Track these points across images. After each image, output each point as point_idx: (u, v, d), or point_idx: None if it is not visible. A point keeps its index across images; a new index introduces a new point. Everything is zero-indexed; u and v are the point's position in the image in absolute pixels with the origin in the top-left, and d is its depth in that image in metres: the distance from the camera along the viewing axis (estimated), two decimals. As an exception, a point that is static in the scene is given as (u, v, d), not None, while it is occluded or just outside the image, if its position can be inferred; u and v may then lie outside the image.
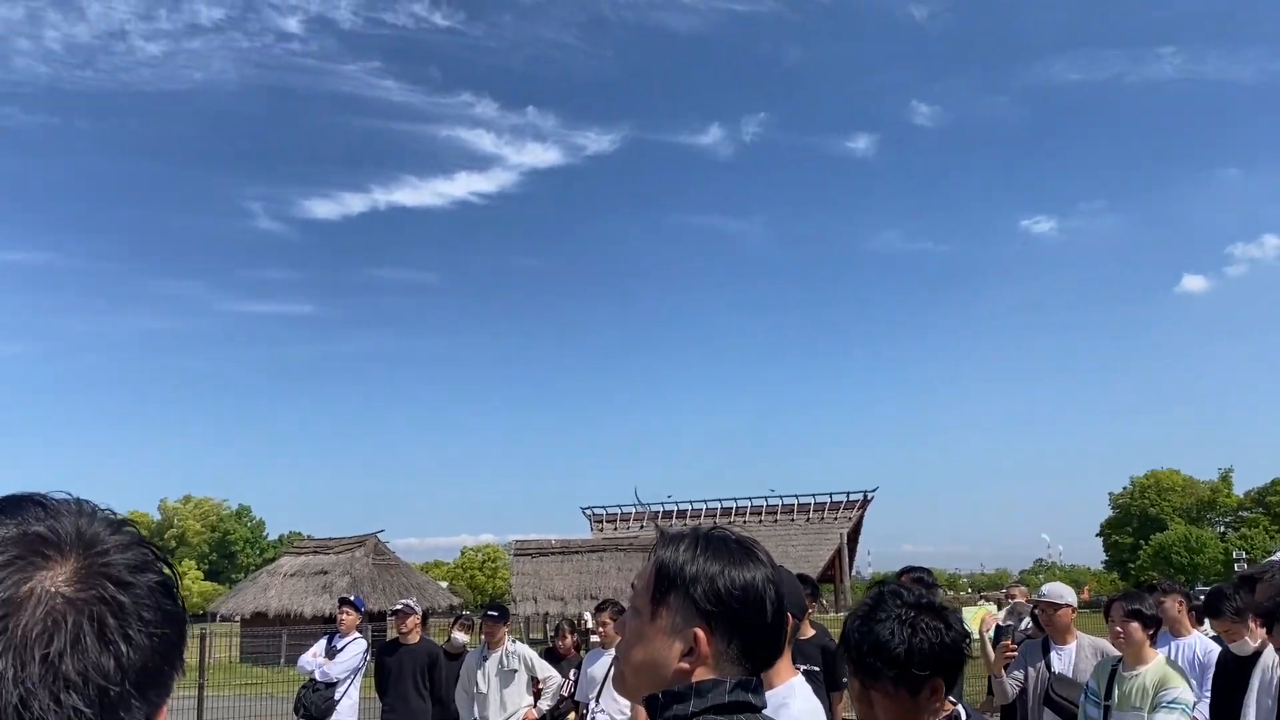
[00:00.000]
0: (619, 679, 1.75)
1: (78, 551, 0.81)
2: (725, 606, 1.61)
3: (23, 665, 0.74)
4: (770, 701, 1.81)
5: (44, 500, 0.85)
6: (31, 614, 0.76)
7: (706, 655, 1.61)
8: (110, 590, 0.80)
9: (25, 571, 0.78)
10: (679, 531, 1.75)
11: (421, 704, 9.01)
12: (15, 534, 0.80)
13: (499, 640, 8.70)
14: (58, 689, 0.75)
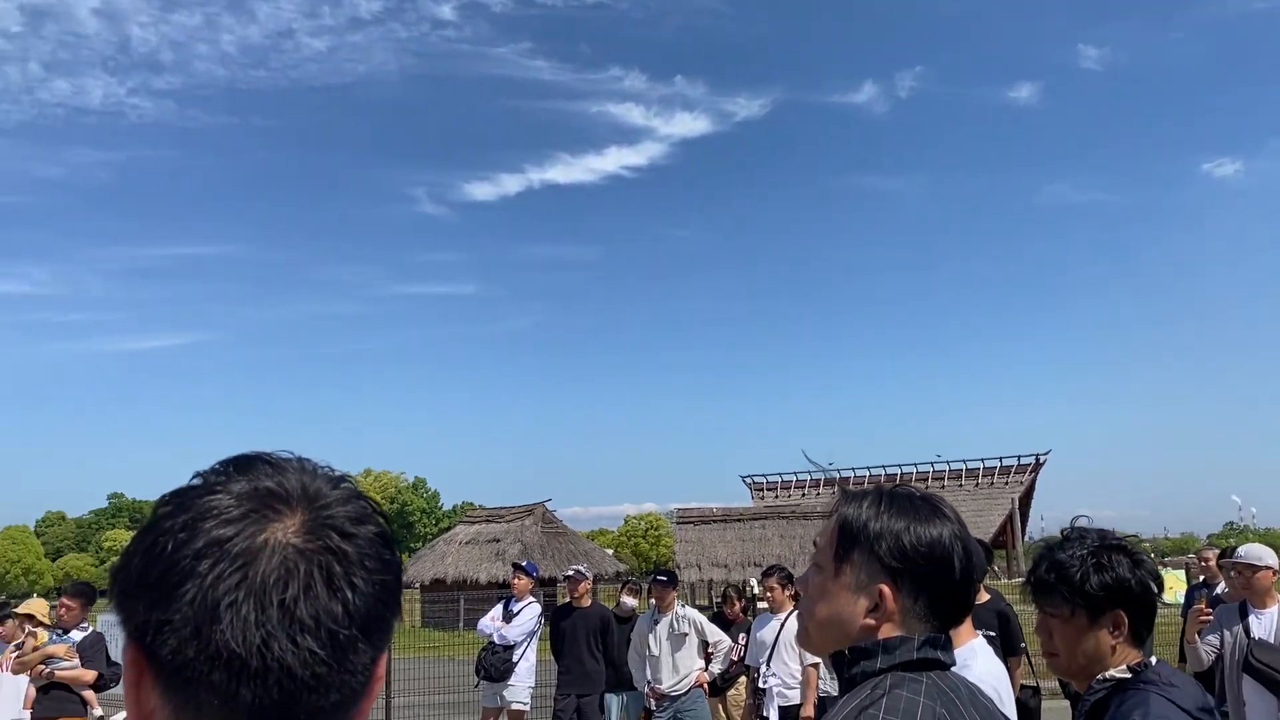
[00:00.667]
0: (803, 634, 1.76)
1: (304, 505, 0.86)
2: (911, 563, 1.60)
3: (263, 609, 0.80)
4: None
5: (271, 458, 0.91)
6: (268, 562, 0.82)
7: (892, 612, 1.60)
8: (335, 541, 0.85)
9: (259, 524, 0.83)
10: (861, 489, 1.74)
11: (596, 665, 9.24)
12: (249, 489, 0.86)
13: (669, 604, 8.81)
14: (294, 632, 0.81)
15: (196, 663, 0.79)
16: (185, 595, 0.80)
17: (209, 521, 0.83)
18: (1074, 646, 2.35)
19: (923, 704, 1.50)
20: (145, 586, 0.83)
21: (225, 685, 0.79)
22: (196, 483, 0.88)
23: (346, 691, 0.85)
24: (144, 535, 0.86)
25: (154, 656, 0.82)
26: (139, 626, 0.83)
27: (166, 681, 0.82)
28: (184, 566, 0.81)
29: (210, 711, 0.81)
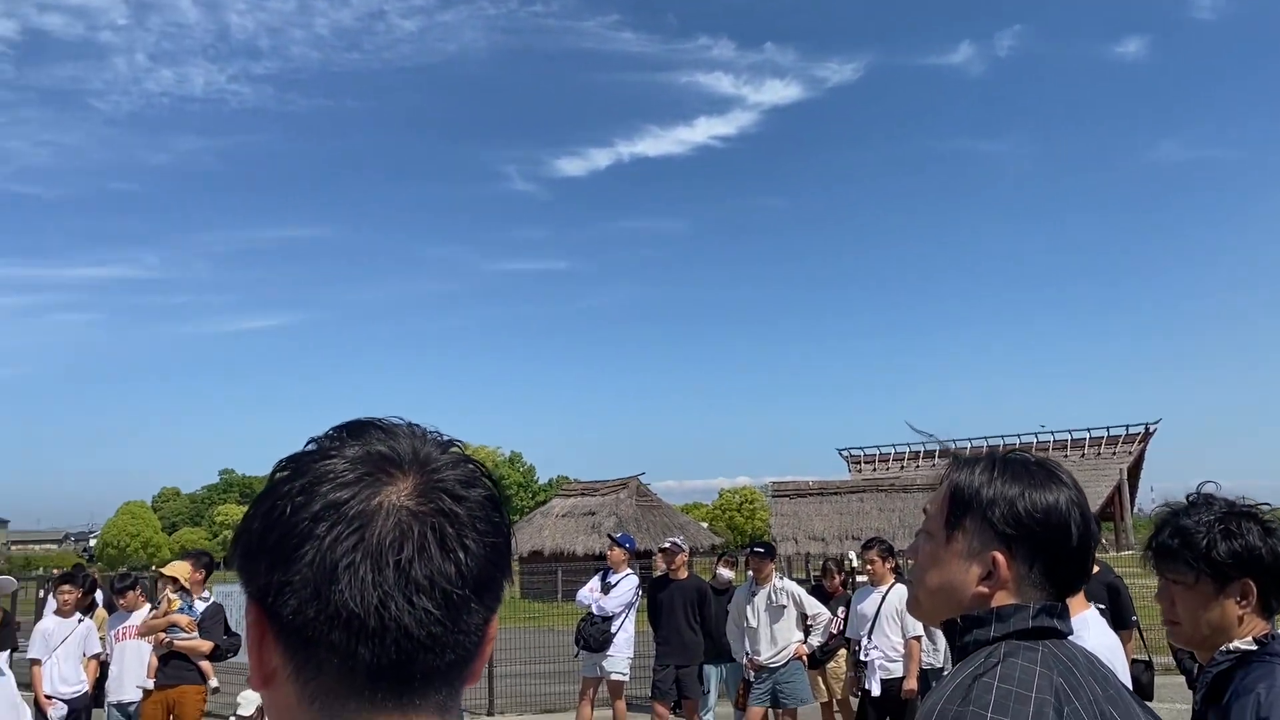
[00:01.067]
0: (913, 602, 1.74)
1: (415, 469, 0.88)
2: (1026, 529, 1.57)
3: (379, 570, 0.82)
4: None
5: (382, 423, 0.92)
6: (383, 524, 0.83)
7: (1006, 579, 1.57)
8: (447, 503, 0.86)
9: (374, 487, 0.85)
10: (973, 455, 1.70)
11: (694, 636, 9.29)
12: (362, 453, 0.88)
13: (767, 576, 8.80)
14: (410, 592, 0.82)
15: (316, 622, 0.82)
16: (304, 557, 0.82)
17: (325, 485, 0.85)
18: (1198, 616, 2.27)
19: (1039, 672, 1.46)
20: (265, 549, 0.85)
21: (344, 644, 0.82)
22: (311, 448, 0.90)
23: (461, 651, 0.87)
24: (263, 500, 0.88)
25: (275, 617, 0.85)
26: (260, 588, 0.85)
27: (288, 641, 0.85)
28: (302, 529, 0.83)
29: (330, 670, 0.83)
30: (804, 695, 8.82)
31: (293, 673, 0.85)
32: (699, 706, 9.57)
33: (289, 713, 0.88)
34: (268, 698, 0.91)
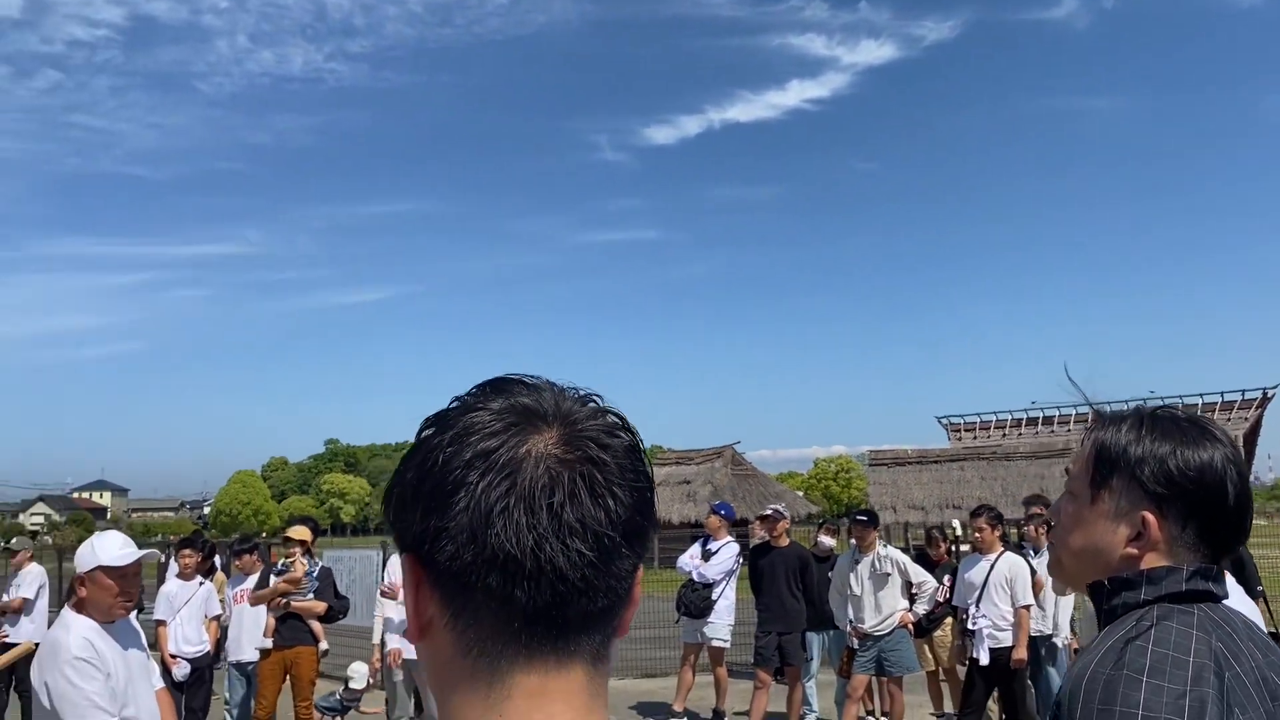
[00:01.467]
0: (1055, 565, 1.69)
1: (559, 421, 0.89)
2: (1178, 488, 1.50)
3: (533, 513, 0.83)
4: None
5: (524, 379, 0.94)
6: (533, 471, 0.84)
7: (1157, 540, 1.51)
8: (594, 451, 0.87)
9: (520, 436, 0.86)
10: (1119, 412, 1.64)
11: (796, 603, 9.26)
12: (506, 406, 0.89)
13: (870, 544, 8.72)
14: (564, 535, 0.83)
15: (473, 567, 0.83)
16: (458, 504, 0.84)
17: (474, 436, 0.86)
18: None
19: (1196, 636, 1.40)
20: (420, 498, 0.87)
21: (501, 588, 0.83)
22: (455, 405, 0.92)
23: (613, 597, 0.87)
24: (414, 454, 0.91)
25: (431, 564, 0.86)
26: (416, 536, 0.87)
27: (445, 588, 0.86)
28: (455, 477, 0.85)
29: (487, 614, 0.85)
30: (910, 663, 8.75)
31: (450, 620, 0.87)
32: (802, 673, 9.55)
33: (446, 663, 0.89)
34: (424, 649, 0.92)
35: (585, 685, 0.88)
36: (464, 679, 0.87)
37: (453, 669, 0.88)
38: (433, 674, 0.92)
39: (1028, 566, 8.11)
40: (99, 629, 3.92)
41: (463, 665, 0.87)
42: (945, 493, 34.06)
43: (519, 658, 0.85)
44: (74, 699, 3.70)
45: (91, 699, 3.72)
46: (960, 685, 8.92)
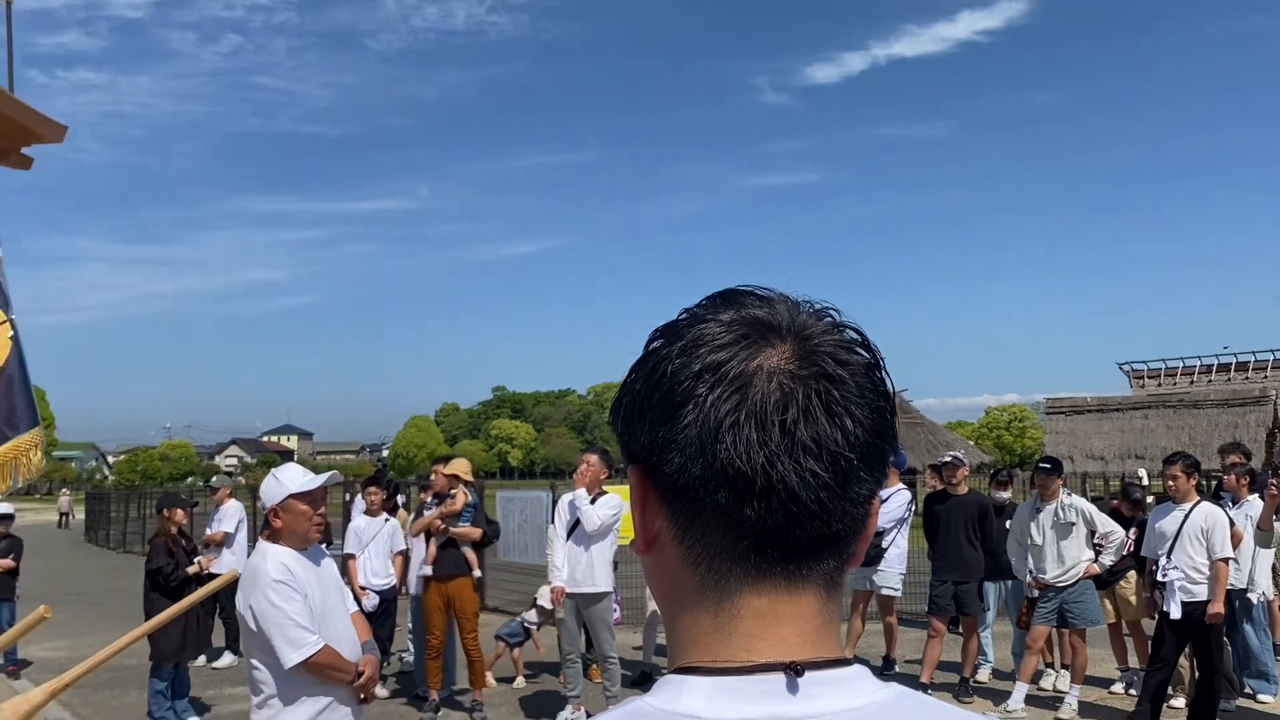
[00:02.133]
0: None
1: (792, 335, 0.84)
2: None
3: (764, 430, 0.79)
4: None
5: (756, 290, 0.89)
6: (765, 386, 0.80)
7: None
8: (830, 368, 0.82)
9: (751, 350, 0.82)
10: None
11: (974, 552, 9.00)
12: (737, 318, 0.85)
13: (1054, 492, 8.38)
14: (797, 454, 0.79)
15: (701, 481, 0.80)
16: (686, 416, 0.81)
17: (703, 348, 0.83)
18: None
19: None
20: (648, 408, 0.84)
21: (730, 504, 0.80)
22: (684, 316, 0.89)
23: (848, 522, 0.83)
24: (641, 364, 0.88)
25: (659, 476, 0.84)
26: (644, 447, 0.85)
27: (672, 501, 0.84)
28: (684, 389, 0.82)
29: (715, 531, 0.82)
30: (1094, 616, 8.40)
31: (677, 535, 0.84)
32: (978, 624, 9.31)
33: (673, 577, 0.87)
34: (650, 562, 0.91)
35: (817, 611, 0.84)
36: (692, 595, 0.85)
37: (680, 584, 0.86)
38: (659, 587, 0.91)
39: (1226, 517, 7.62)
40: (294, 555, 4.14)
41: (690, 580, 0.85)
42: (1127, 442, 32.46)
43: (748, 578, 0.82)
44: (277, 619, 3.93)
45: (293, 618, 3.94)
46: (1146, 639, 8.56)
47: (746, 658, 0.80)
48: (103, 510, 34.85)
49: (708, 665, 0.81)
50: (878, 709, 0.79)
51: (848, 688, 0.80)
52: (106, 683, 9.74)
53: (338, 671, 4.06)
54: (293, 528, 4.16)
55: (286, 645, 3.93)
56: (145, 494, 32.65)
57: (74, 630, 12.73)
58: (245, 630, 4.08)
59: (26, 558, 11.56)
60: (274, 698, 4.00)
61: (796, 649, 0.81)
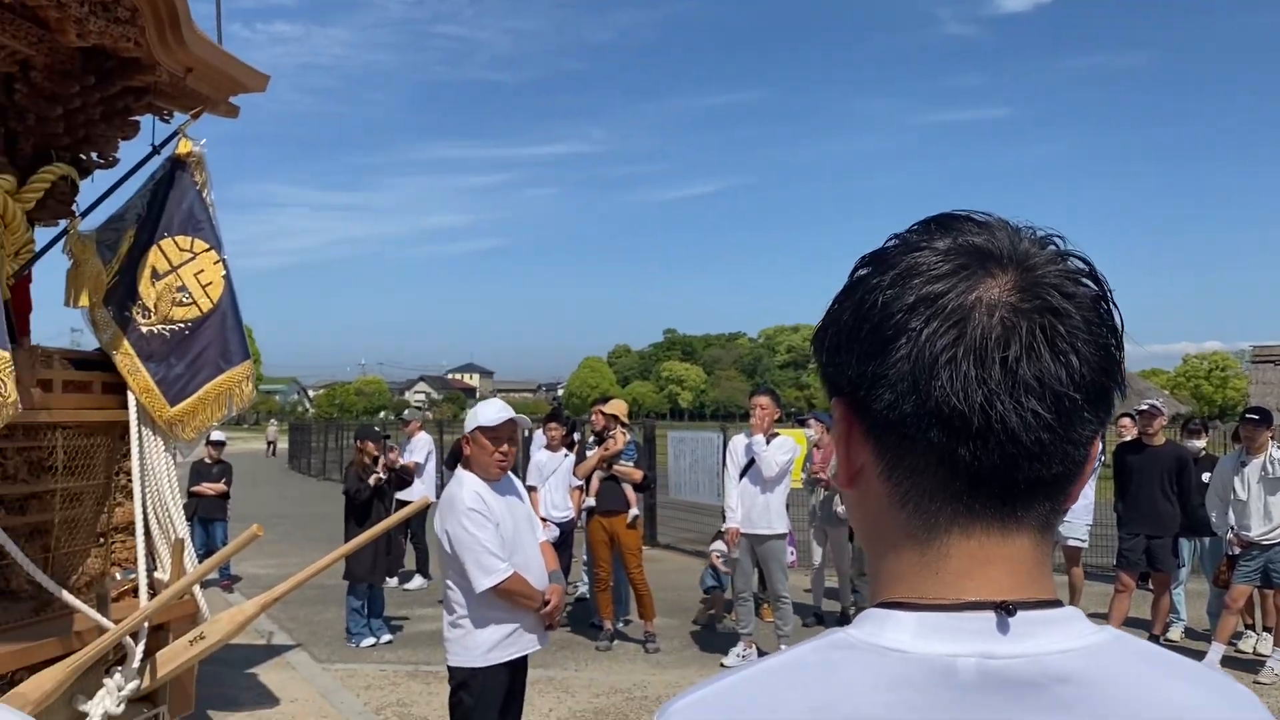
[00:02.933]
0: None
1: (1014, 265, 0.79)
2: None
3: (983, 367, 0.75)
4: None
5: (975, 216, 0.84)
6: (985, 320, 0.76)
7: None
8: (1055, 301, 0.77)
9: (969, 281, 0.78)
10: None
11: (1169, 506, 8.53)
12: (954, 246, 0.81)
13: (1262, 445, 7.82)
14: (1018, 393, 0.75)
15: (913, 419, 0.78)
16: (898, 351, 0.78)
17: (917, 278, 0.79)
18: None
19: None
20: (856, 340, 0.82)
21: (942, 443, 0.77)
22: (894, 243, 0.85)
23: (1068, 463, 0.79)
24: (848, 294, 0.85)
25: (866, 411, 0.82)
26: (851, 381, 0.82)
27: (879, 438, 0.82)
28: (897, 322, 0.78)
29: (925, 470, 0.79)
30: (1303, 577, 7.85)
31: (883, 471, 0.82)
32: (1171, 580, 8.85)
33: (877, 513, 0.85)
34: (853, 496, 0.89)
35: (1030, 553, 0.81)
36: (897, 532, 0.83)
37: (885, 521, 0.84)
38: (862, 524, 0.89)
39: None
40: (487, 485, 4.34)
41: (896, 518, 0.83)
42: (1345, 395, 29.94)
43: (959, 518, 0.80)
44: (470, 545, 4.14)
45: (485, 546, 4.14)
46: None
47: (955, 596, 0.79)
48: (304, 440, 37.34)
49: (914, 601, 0.80)
50: (1094, 651, 0.77)
51: (1062, 629, 0.78)
52: (309, 600, 10.47)
53: (525, 598, 4.25)
54: (478, 459, 4.36)
55: (479, 571, 4.13)
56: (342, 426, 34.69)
57: (279, 550, 13.74)
58: (441, 553, 4.30)
59: (235, 483, 12.49)
60: (466, 618, 4.22)
61: (1008, 590, 0.78)
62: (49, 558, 5.02)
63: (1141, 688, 0.77)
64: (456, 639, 4.26)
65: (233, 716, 6.65)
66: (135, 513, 5.43)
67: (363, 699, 7.16)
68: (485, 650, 4.22)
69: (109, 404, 5.40)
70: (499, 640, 4.24)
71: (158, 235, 5.51)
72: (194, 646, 5.19)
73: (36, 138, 5.63)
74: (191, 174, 5.60)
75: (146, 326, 5.45)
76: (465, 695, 4.24)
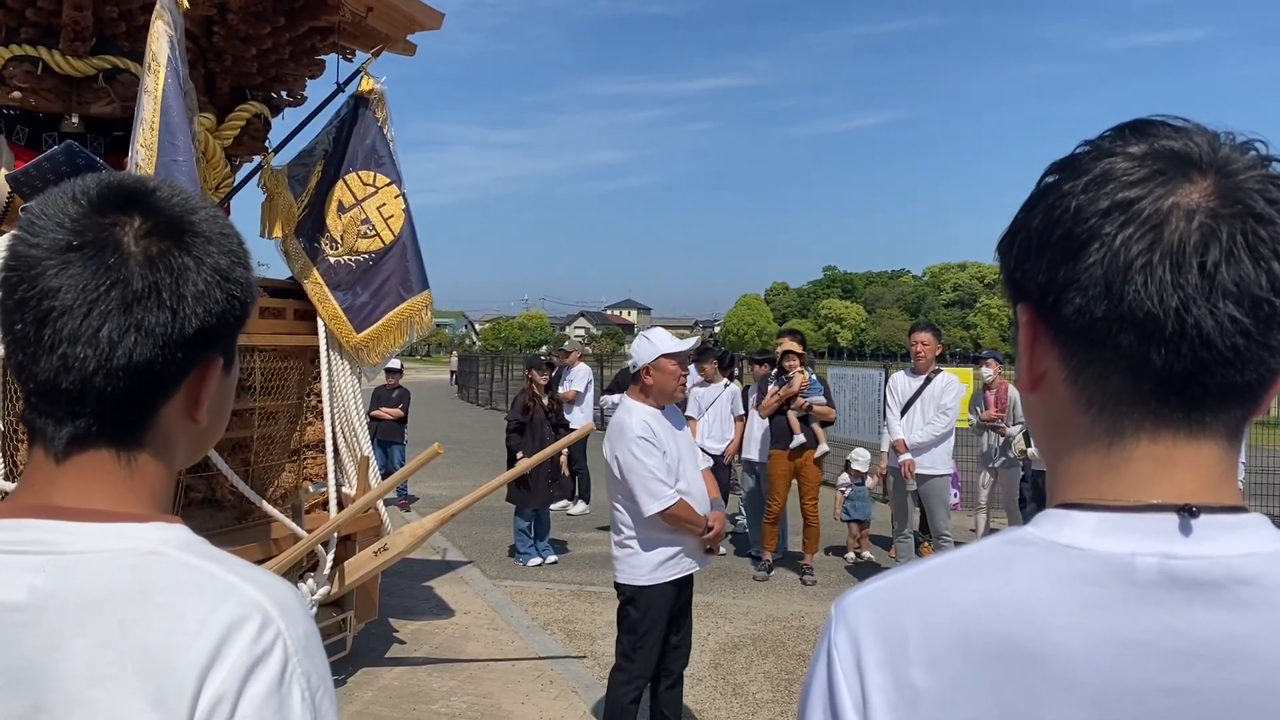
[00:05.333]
0: None
1: (1213, 170, 0.78)
2: None
3: (1180, 271, 0.75)
4: None
5: (1171, 121, 0.83)
6: (1184, 225, 0.76)
7: None
8: (1259, 205, 0.76)
9: (1166, 186, 0.78)
10: None
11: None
12: (1149, 150, 0.80)
13: None
14: (1215, 298, 0.75)
15: (1104, 323, 0.78)
16: (1091, 256, 0.78)
17: (1110, 184, 0.79)
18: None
19: None
20: (1046, 246, 0.82)
21: (1133, 348, 0.78)
22: (1086, 149, 0.84)
23: (1263, 370, 0.78)
24: (1038, 200, 0.85)
25: (1054, 316, 0.82)
26: (1039, 286, 0.83)
27: (1067, 343, 0.82)
28: (1090, 226, 0.79)
29: (1114, 375, 0.80)
30: None
31: (1069, 376, 0.83)
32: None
33: (1060, 418, 0.86)
34: (1033, 401, 0.90)
35: (1219, 459, 0.81)
36: (1081, 435, 0.84)
37: (1067, 425, 0.85)
38: (1042, 428, 0.91)
39: None
40: (655, 413, 4.46)
41: (1080, 421, 0.84)
42: None
43: (1145, 422, 0.80)
44: (639, 470, 4.28)
45: (653, 471, 4.27)
46: None
47: (1137, 498, 0.80)
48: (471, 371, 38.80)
49: (1094, 502, 0.81)
50: (1278, 557, 0.77)
51: (1246, 534, 0.78)
52: (480, 519, 10.97)
53: (690, 524, 4.37)
54: (662, 385, 4.47)
55: (647, 495, 4.27)
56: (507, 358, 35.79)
57: (451, 473, 14.40)
58: (609, 477, 4.46)
59: (411, 410, 13.11)
60: (633, 538, 4.39)
61: (1193, 494, 0.79)
62: (249, 470, 5.44)
63: None
64: (624, 558, 4.43)
65: (411, 624, 7.08)
66: (325, 431, 5.81)
67: (530, 614, 7.50)
68: (650, 570, 4.37)
69: (300, 330, 5.77)
70: (663, 561, 4.38)
71: (343, 170, 5.80)
72: (378, 557, 5.56)
73: (232, 77, 5.99)
74: (373, 111, 5.84)
75: (334, 257, 5.77)
76: (632, 609, 4.42)
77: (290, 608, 0.89)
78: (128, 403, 0.92)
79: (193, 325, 0.92)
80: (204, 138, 5.33)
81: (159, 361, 0.91)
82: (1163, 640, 0.75)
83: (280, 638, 0.86)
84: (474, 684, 5.94)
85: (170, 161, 4.27)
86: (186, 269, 0.92)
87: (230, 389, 1.05)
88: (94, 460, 0.93)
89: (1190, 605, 0.75)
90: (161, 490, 0.97)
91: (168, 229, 0.93)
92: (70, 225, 0.90)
